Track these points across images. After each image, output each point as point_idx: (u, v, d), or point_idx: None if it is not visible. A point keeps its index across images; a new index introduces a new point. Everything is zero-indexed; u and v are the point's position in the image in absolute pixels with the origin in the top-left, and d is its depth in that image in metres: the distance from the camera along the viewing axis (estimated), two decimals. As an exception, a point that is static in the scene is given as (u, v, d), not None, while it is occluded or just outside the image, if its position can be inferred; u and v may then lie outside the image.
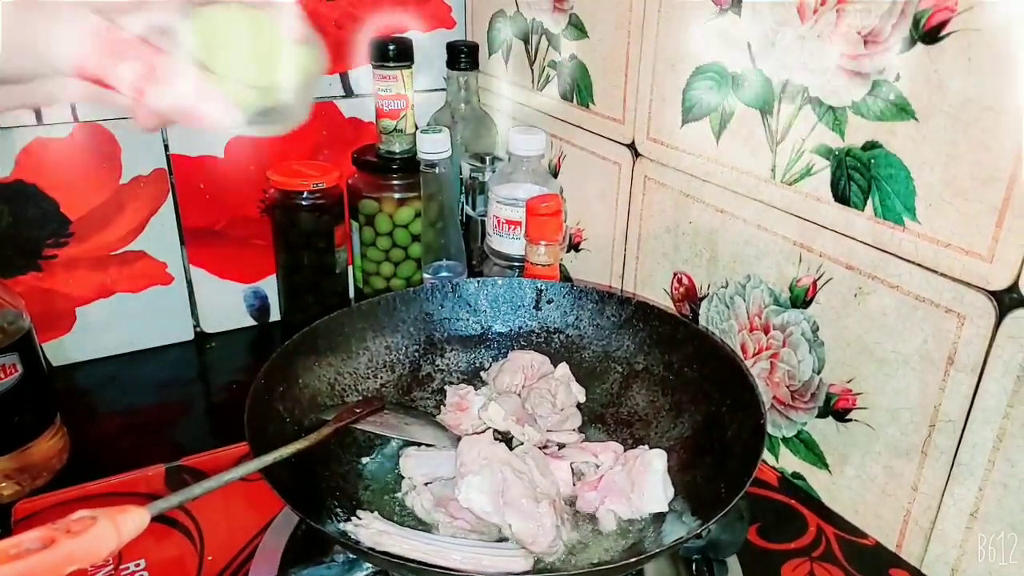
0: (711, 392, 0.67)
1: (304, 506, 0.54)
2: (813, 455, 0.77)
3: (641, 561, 0.52)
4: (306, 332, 0.70)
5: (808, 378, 0.75)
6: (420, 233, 1.02)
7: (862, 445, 0.71)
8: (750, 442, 0.58)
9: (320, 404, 0.69)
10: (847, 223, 0.68)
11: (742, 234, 0.79)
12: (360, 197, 1.04)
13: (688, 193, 0.84)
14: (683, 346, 0.72)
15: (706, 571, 0.65)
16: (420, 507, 0.64)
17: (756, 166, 0.75)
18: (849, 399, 0.72)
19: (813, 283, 0.73)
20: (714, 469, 0.62)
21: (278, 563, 0.63)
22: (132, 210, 0.99)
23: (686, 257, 0.87)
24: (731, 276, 0.81)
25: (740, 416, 0.62)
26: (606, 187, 0.96)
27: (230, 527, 0.70)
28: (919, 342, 0.65)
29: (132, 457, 0.80)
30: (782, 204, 0.73)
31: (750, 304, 0.80)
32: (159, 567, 0.67)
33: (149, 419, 0.91)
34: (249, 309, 1.11)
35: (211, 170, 1.02)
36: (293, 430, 0.63)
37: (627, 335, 0.77)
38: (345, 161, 1.06)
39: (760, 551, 0.70)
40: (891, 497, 0.70)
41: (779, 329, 0.77)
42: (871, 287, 0.68)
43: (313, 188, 0.98)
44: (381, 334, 0.77)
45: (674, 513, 0.62)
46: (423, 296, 0.79)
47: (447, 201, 0.94)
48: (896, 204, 0.64)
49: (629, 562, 0.52)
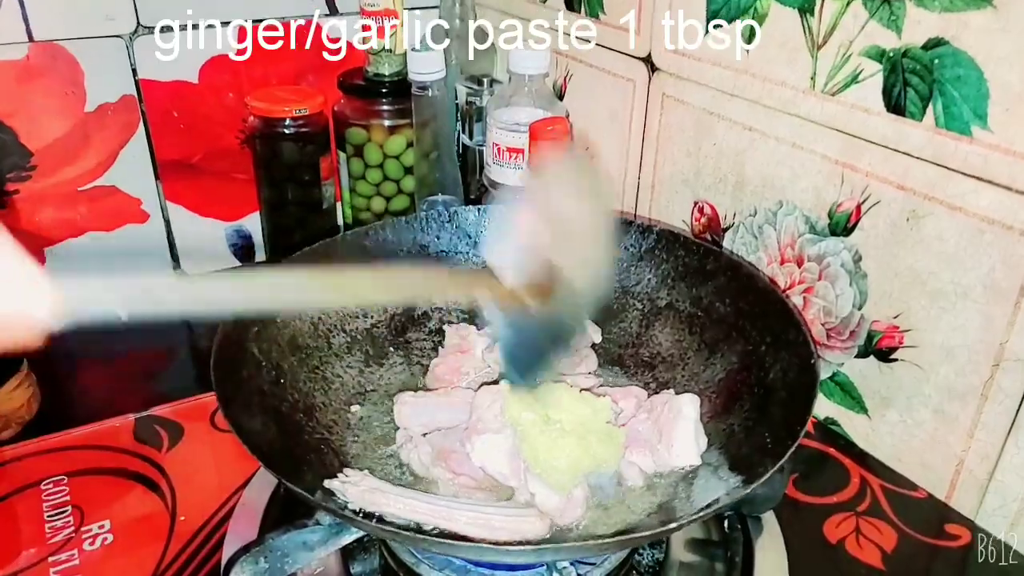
0: (747, 329, 0.60)
1: (280, 463, 0.47)
2: (850, 399, 0.70)
3: (672, 530, 0.44)
4: (284, 264, 0.62)
5: (847, 314, 0.68)
6: (413, 165, 0.96)
7: (908, 387, 0.65)
8: (799, 384, 0.50)
9: (302, 345, 0.62)
10: (900, 136, 0.61)
11: (774, 154, 0.71)
12: (347, 125, 0.97)
13: (712, 111, 0.77)
14: (713, 278, 0.64)
15: (739, 528, 0.58)
16: (418, 461, 0.57)
17: (792, 75, 0.67)
18: (895, 337, 0.65)
19: (857, 207, 0.65)
20: (755, 416, 0.54)
21: (258, 525, 0.56)
22: (100, 141, 0.93)
23: (709, 183, 0.80)
24: (760, 203, 0.74)
25: (784, 355, 0.54)
26: (618, 108, 0.89)
27: (205, 483, 0.64)
28: (984, 271, 0.58)
29: (108, 407, 0.74)
30: (822, 118, 0.66)
31: (781, 234, 0.73)
32: (125, 529, 0.60)
33: (127, 367, 0.85)
34: (232, 249, 1.06)
35: (185, 97, 0.96)
36: (270, 376, 0.55)
37: (648, 267, 0.70)
38: (331, 87, 0.99)
39: (799, 506, 0.64)
40: (941, 444, 0.64)
41: (815, 260, 0.70)
42: (927, 209, 0.60)
43: (296, 115, 0.92)
44: (372, 268, 0.69)
45: (708, 467, 0.55)
46: (417, 226, 0.71)
47: (442, 129, 0.90)
48: (963, 111, 0.56)
49: (658, 531, 0.44)
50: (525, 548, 0.45)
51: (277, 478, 0.44)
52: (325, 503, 0.43)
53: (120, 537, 0.59)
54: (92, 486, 0.64)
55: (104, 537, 0.59)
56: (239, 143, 1.00)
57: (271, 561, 0.44)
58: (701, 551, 0.57)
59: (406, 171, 0.98)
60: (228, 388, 0.48)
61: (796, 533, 0.60)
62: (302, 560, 0.46)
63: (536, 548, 0.45)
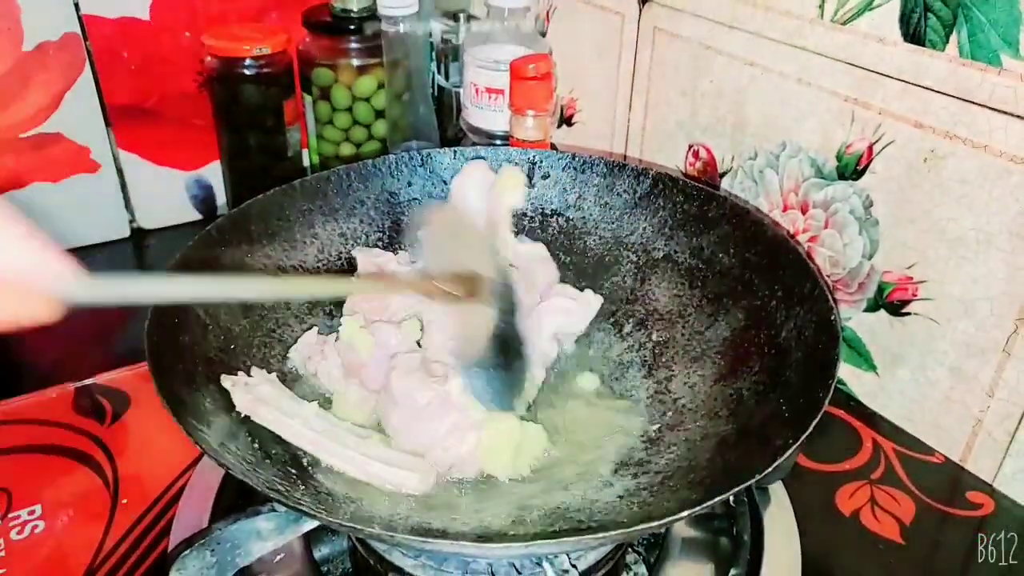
0: (755, 282, 0.54)
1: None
2: (857, 355, 0.66)
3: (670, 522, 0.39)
4: (234, 215, 0.57)
5: (856, 265, 0.64)
6: (384, 108, 0.91)
7: (922, 343, 0.61)
8: (817, 344, 0.45)
9: (255, 306, 0.56)
10: (919, 69, 0.55)
11: (777, 91, 0.66)
12: (313, 65, 0.92)
13: (709, 44, 0.71)
14: (716, 226, 0.59)
15: (745, 501, 0.53)
16: (325, 374, 0.54)
17: (799, 3, 0.62)
18: (908, 288, 0.61)
19: (868, 148, 0.60)
20: (766, 381, 0.49)
21: (209, 508, 0.51)
22: (41, 83, 0.86)
23: (705, 125, 0.75)
24: (761, 145, 0.69)
25: (799, 311, 0.49)
26: (605, 44, 0.84)
27: (152, 461, 0.58)
28: (1011, 215, 0.53)
29: (57, 374, 0.68)
30: (832, 50, 0.61)
31: (784, 178, 0.68)
32: (59, 515, 0.54)
33: (78, 330, 0.79)
34: (192, 200, 1.00)
35: (135, 35, 0.89)
36: (219, 341, 0.50)
37: (643, 216, 0.64)
38: (295, 24, 0.93)
39: (808, 474, 0.59)
40: (957, 404, 0.60)
41: (821, 207, 0.65)
42: (947, 149, 0.55)
43: (257, 54, 0.87)
44: (333, 218, 0.63)
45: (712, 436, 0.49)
46: (385, 170, 0.65)
47: (415, 68, 0.86)
48: (991, 38, 0.51)
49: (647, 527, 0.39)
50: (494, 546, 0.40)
51: (226, 469, 0.38)
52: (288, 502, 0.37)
53: (52, 524, 0.53)
54: (23, 466, 0.58)
55: (34, 524, 0.53)
56: (197, 86, 0.94)
57: (219, 554, 0.39)
58: (704, 526, 0.53)
59: (377, 115, 0.94)
60: (164, 357, 0.42)
61: (806, 505, 0.55)
62: (255, 551, 0.41)
63: (504, 545, 0.40)
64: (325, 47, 0.92)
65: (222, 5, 0.93)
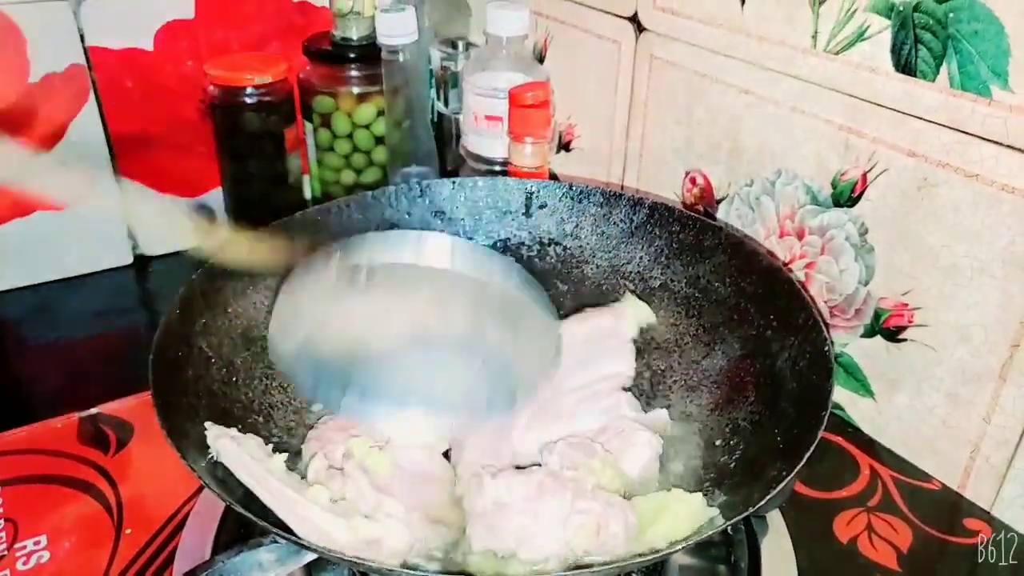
0: (750, 312, 0.55)
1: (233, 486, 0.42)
2: (855, 381, 0.66)
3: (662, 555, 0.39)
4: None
5: (852, 291, 0.64)
6: (384, 135, 0.92)
7: (919, 369, 0.61)
8: (811, 375, 0.46)
9: (257, 338, 0.56)
10: (911, 99, 0.56)
11: (772, 119, 0.67)
12: (314, 93, 0.93)
13: (705, 73, 0.72)
14: (712, 256, 0.59)
15: (743, 529, 0.53)
16: (356, 496, 0.49)
17: (792, 33, 0.63)
18: (904, 315, 0.61)
19: (863, 176, 0.61)
20: (762, 411, 0.49)
21: (212, 538, 0.51)
22: (46, 114, 0.87)
23: (701, 152, 0.75)
24: (757, 172, 0.70)
25: (793, 341, 0.50)
26: (603, 72, 0.84)
27: (156, 490, 0.58)
28: (1004, 243, 0.53)
29: (62, 402, 0.69)
30: (825, 79, 0.62)
31: (780, 205, 0.68)
32: (64, 545, 0.55)
33: (83, 356, 0.81)
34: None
35: (139, 65, 0.91)
36: (221, 374, 0.50)
37: (639, 245, 0.65)
38: (295, 54, 0.94)
39: (806, 501, 0.59)
40: (954, 430, 0.60)
41: (816, 233, 0.66)
42: (940, 177, 0.56)
43: (258, 83, 0.87)
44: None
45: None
46: (385, 201, 0.66)
47: (414, 96, 0.86)
48: (980, 69, 0.52)
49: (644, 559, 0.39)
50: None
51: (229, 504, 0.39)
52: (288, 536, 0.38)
53: (58, 554, 0.54)
54: (29, 496, 0.58)
55: (40, 555, 0.53)
56: (199, 114, 0.95)
57: (221, 587, 0.39)
58: (702, 554, 0.53)
59: (377, 141, 0.94)
60: (168, 393, 0.42)
61: (803, 532, 0.55)
62: (257, 583, 0.41)
63: None
64: (325, 75, 0.92)
65: (224, 34, 0.94)
